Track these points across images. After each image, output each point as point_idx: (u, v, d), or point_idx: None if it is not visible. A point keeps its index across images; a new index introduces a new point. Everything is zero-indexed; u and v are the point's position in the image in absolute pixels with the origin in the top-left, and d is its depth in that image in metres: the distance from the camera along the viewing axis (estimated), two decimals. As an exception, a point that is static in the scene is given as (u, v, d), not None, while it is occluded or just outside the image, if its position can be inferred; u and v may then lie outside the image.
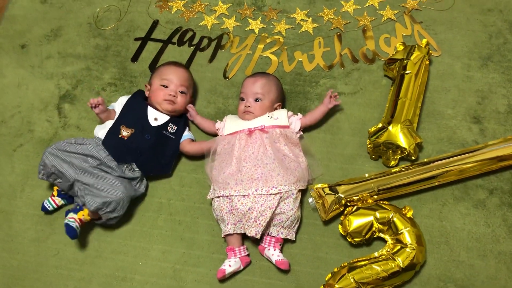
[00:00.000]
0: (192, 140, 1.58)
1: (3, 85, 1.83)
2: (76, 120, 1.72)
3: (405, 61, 1.57)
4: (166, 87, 1.56)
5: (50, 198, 1.53)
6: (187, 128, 1.60)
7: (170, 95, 1.55)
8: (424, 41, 1.64)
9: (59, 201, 1.53)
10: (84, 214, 1.43)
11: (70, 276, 1.45)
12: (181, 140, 1.56)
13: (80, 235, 1.45)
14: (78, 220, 1.41)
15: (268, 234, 1.39)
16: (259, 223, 1.34)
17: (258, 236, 1.34)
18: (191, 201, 1.52)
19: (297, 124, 1.52)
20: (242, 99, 1.56)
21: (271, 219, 1.36)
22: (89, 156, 1.45)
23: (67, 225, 1.39)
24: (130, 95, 1.62)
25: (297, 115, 1.55)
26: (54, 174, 1.45)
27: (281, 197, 1.36)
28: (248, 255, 1.40)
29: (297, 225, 1.41)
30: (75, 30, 1.93)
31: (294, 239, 1.40)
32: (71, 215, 1.42)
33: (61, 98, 1.77)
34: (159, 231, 1.49)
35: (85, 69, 1.83)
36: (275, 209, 1.35)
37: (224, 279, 1.38)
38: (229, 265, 1.36)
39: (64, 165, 1.42)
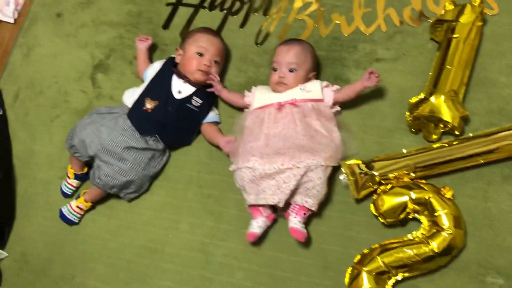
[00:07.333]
0: (215, 123, 1.55)
1: (40, 55, 1.86)
2: (110, 90, 1.72)
3: (454, 23, 1.40)
4: (202, 55, 1.51)
5: (66, 183, 1.58)
6: (213, 108, 1.56)
7: (205, 65, 1.50)
8: (478, -2, 1.45)
9: (76, 183, 1.58)
10: (81, 202, 1.52)
11: (105, 246, 1.51)
12: (205, 121, 1.53)
13: (114, 208, 1.52)
14: (74, 208, 1.52)
15: (294, 202, 1.33)
16: (282, 191, 1.29)
17: (281, 204, 1.29)
18: (220, 174, 1.49)
19: (330, 96, 1.42)
20: (275, 69, 1.46)
21: (296, 188, 1.30)
22: (117, 125, 1.48)
23: (61, 213, 1.54)
24: (163, 61, 1.59)
25: (332, 86, 1.44)
26: (74, 146, 1.49)
27: (308, 168, 1.29)
28: (272, 212, 1.36)
29: (322, 197, 1.32)
30: (108, -3, 1.90)
31: (315, 210, 1.32)
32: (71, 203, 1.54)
33: (95, 68, 1.77)
34: (189, 204, 1.49)
35: (118, 37, 1.81)
36: (301, 178, 1.28)
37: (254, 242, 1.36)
38: (258, 226, 1.33)
39: (88, 138, 1.46)
